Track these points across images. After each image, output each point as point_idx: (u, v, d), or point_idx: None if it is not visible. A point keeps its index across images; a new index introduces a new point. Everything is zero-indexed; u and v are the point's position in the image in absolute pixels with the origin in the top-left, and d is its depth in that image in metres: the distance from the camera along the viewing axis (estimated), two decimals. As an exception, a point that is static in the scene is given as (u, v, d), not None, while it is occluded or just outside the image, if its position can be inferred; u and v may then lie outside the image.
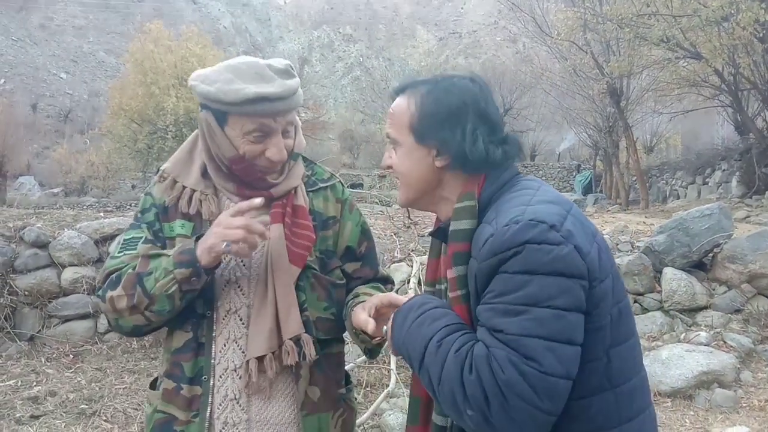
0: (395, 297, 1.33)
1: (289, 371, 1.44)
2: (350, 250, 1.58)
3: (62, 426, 3.78)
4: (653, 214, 11.60)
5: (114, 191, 25.97)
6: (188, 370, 1.44)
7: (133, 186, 26.83)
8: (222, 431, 1.43)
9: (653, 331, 5.14)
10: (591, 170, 26.43)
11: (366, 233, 1.63)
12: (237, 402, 1.43)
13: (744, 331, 5.03)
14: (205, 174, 1.50)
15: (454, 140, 1.19)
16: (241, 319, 1.45)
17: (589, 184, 25.11)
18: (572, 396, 1.03)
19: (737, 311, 5.26)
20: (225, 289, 1.45)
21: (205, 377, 1.43)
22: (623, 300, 1.15)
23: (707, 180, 15.76)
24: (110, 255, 1.52)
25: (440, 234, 1.29)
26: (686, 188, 16.99)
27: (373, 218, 7.88)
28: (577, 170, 29.27)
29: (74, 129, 46.47)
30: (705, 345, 4.68)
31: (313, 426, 1.46)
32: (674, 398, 4.22)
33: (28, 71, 52.75)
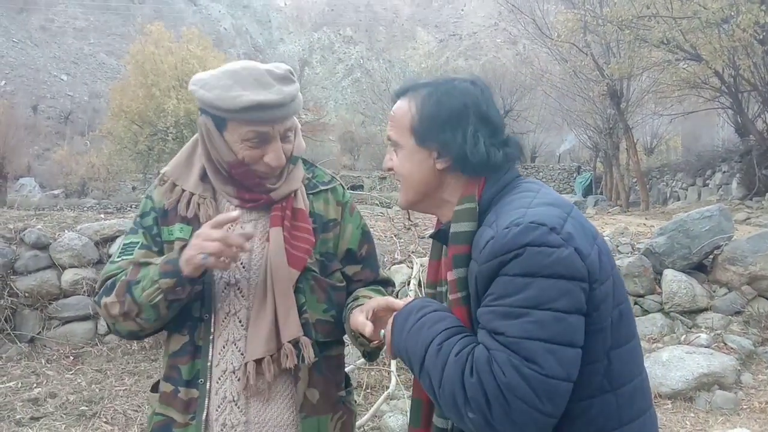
0: (393, 301, 1.32)
1: (288, 373, 1.44)
2: (351, 253, 1.58)
3: (62, 428, 3.78)
4: (653, 216, 11.60)
5: (114, 193, 26.04)
6: (185, 373, 1.44)
7: (134, 187, 26.87)
8: None
9: (653, 333, 5.14)
10: (591, 172, 26.40)
11: (367, 236, 1.63)
12: (235, 404, 1.43)
13: (744, 333, 5.03)
14: (204, 178, 1.50)
15: (455, 142, 1.19)
16: (241, 322, 1.45)
17: (590, 186, 25.10)
18: (573, 398, 1.03)
19: (738, 313, 5.26)
20: (225, 292, 1.45)
21: (202, 380, 1.43)
22: (624, 302, 1.15)
23: (707, 182, 15.74)
24: (110, 259, 1.54)
25: (441, 236, 1.29)
26: (686, 190, 16.97)
27: (374, 220, 7.88)
28: (578, 172, 29.26)
29: (75, 130, 46.55)
30: (705, 347, 4.68)
31: (312, 428, 1.45)
32: (675, 400, 4.22)
33: (29, 73, 52.83)
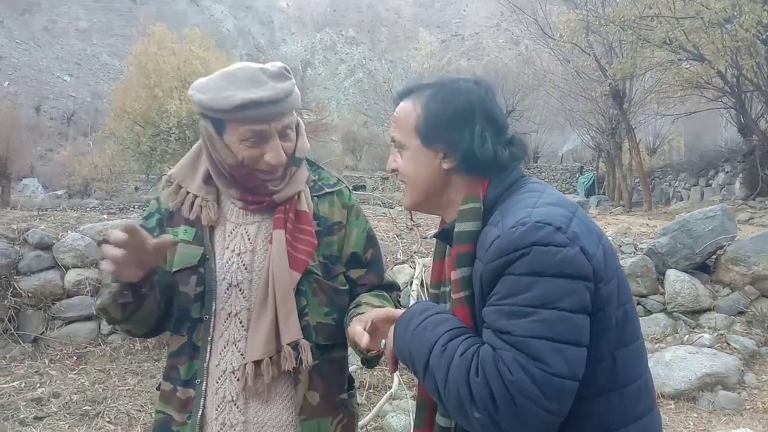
0: (393, 311, 1.32)
1: (288, 375, 1.45)
2: (356, 257, 1.57)
3: (66, 427, 3.79)
4: (656, 216, 11.59)
5: (117, 193, 26.10)
6: (183, 373, 1.46)
7: (136, 188, 26.92)
8: None
9: (656, 333, 5.13)
10: (594, 172, 26.36)
11: (372, 240, 1.62)
12: (234, 403, 1.43)
13: (747, 333, 5.02)
14: (209, 180, 1.51)
15: (463, 141, 1.18)
16: (242, 323, 1.45)
17: (592, 186, 25.04)
18: (578, 397, 1.03)
19: (741, 313, 5.25)
20: (227, 293, 1.46)
21: (199, 380, 1.44)
22: (628, 302, 1.15)
23: (710, 182, 15.70)
24: None
25: (445, 236, 1.28)
26: (689, 190, 16.94)
27: (376, 220, 7.88)
28: (580, 172, 29.23)
29: (78, 131, 46.66)
30: (708, 347, 4.68)
31: (312, 431, 1.46)
32: (678, 400, 4.21)
33: (32, 74, 52.95)
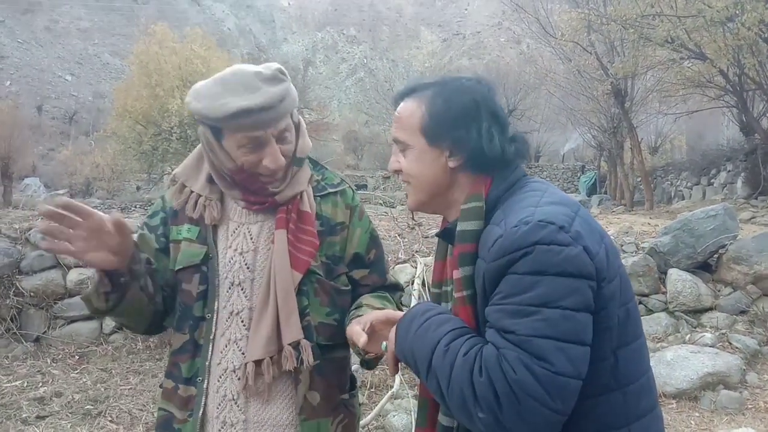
0: (393, 313, 1.32)
1: (289, 375, 1.45)
2: (359, 257, 1.57)
3: (68, 426, 3.80)
4: (658, 215, 11.57)
5: (119, 193, 26.10)
6: (185, 371, 1.46)
7: (138, 187, 26.94)
8: (221, 431, 1.44)
9: (658, 333, 5.13)
10: (595, 171, 26.35)
11: (375, 240, 1.62)
12: (235, 402, 1.44)
13: (749, 333, 5.02)
14: (212, 180, 1.51)
15: (470, 139, 1.18)
16: (243, 322, 1.45)
17: (594, 185, 25.03)
18: (580, 396, 1.03)
19: (742, 312, 5.25)
20: (229, 291, 1.46)
21: (200, 378, 1.45)
22: (630, 301, 1.15)
23: (712, 181, 15.67)
24: None
25: (446, 235, 1.28)
26: (691, 189, 16.91)
27: (377, 219, 7.88)
28: (582, 171, 29.22)
29: (79, 131, 46.69)
30: (710, 346, 4.67)
31: (312, 431, 1.46)
32: (679, 399, 4.21)
33: (34, 73, 52.99)
